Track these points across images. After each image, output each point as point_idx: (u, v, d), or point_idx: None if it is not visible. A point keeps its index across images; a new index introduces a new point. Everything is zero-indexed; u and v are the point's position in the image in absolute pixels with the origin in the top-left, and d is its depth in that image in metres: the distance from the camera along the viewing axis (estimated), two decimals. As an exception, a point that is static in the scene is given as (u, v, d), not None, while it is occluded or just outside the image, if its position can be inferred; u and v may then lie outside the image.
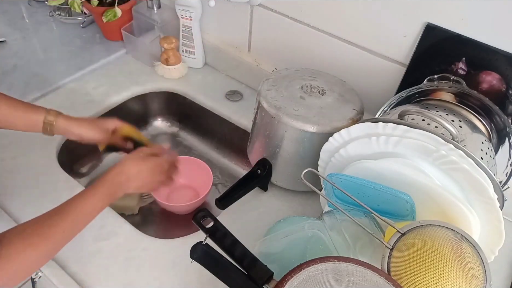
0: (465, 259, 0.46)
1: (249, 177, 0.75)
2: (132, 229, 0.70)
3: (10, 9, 1.21)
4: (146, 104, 1.04)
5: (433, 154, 0.53)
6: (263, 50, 0.96)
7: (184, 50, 1.04)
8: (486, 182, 0.51)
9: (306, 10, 0.82)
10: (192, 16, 0.97)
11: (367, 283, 0.44)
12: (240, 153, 0.98)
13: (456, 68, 0.69)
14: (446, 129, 0.54)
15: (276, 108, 0.67)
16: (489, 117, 0.65)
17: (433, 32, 0.68)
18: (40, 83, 0.96)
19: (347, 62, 0.82)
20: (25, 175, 0.77)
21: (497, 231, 0.54)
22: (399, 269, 0.47)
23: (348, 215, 0.54)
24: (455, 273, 0.45)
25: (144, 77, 1.03)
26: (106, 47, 1.09)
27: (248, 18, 0.92)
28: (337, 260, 0.46)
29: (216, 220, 0.53)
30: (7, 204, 0.71)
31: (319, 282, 0.44)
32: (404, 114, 0.59)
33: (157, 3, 1.02)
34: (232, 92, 1.00)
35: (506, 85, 0.66)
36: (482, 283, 0.45)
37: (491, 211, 0.53)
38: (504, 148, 0.65)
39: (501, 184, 0.63)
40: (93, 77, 1.00)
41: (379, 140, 0.57)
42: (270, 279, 0.49)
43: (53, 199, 0.72)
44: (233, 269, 0.51)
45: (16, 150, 0.81)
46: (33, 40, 1.11)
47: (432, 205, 0.54)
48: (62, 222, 0.55)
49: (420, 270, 0.45)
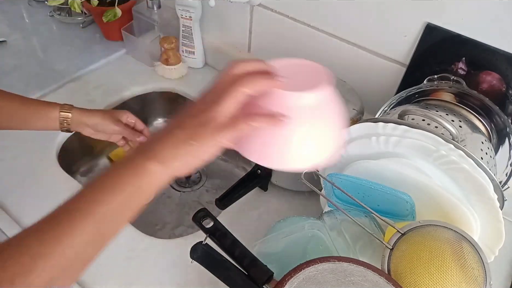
0: (465, 259, 0.46)
1: (249, 177, 0.74)
2: (132, 229, 0.70)
3: (10, 9, 1.21)
4: (146, 104, 1.04)
5: (433, 154, 0.53)
6: (263, 50, 0.96)
7: (184, 50, 1.04)
8: (486, 182, 0.51)
9: (306, 10, 0.82)
10: (192, 16, 0.97)
11: (367, 283, 0.44)
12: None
13: (456, 68, 0.69)
14: (446, 129, 0.54)
15: (276, 108, 0.67)
16: (489, 117, 0.65)
17: (433, 32, 0.68)
18: (40, 83, 0.96)
19: (347, 62, 0.82)
20: (25, 175, 0.77)
21: (497, 231, 0.54)
22: (399, 269, 0.47)
23: (348, 215, 0.54)
24: (455, 273, 0.45)
25: (144, 77, 1.02)
26: (106, 47, 1.09)
27: (248, 18, 0.92)
28: (337, 260, 0.46)
29: (216, 220, 0.53)
30: (7, 204, 0.71)
31: (319, 282, 0.44)
32: (404, 114, 0.59)
33: (157, 3, 1.02)
34: (232, 92, 1.00)
35: (506, 85, 0.66)
36: (482, 283, 0.45)
37: (491, 211, 0.53)
38: (504, 148, 0.65)
39: (501, 184, 0.63)
40: (93, 77, 1.00)
41: (379, 140, 0.57)
42: (270, 279, 0.49)
43: (53, 199, 0.72)
44: (233, 269, 0.51)
45: (16, 150, 0.80)
46: (33, 40, 1.11)
47: (432, 205, 0.54)
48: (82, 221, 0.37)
49: (420, 270, 0.45)
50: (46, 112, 0.68)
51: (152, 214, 0.90)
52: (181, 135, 0.38)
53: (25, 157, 0.80)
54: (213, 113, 0.38)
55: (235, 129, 0.38)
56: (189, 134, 0.38)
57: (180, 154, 0.38)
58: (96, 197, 0.37)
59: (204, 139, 0.38)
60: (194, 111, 0.39)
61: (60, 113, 0.68)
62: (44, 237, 0.35)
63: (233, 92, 0.37)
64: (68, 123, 0.69)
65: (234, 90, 0.37)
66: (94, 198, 0.37)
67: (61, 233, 0.35)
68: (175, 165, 0.38)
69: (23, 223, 0.69)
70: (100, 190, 0.38)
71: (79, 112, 0.70)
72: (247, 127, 0.37)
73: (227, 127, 0.37)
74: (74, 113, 0.69)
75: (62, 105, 0.69)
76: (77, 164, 0.94)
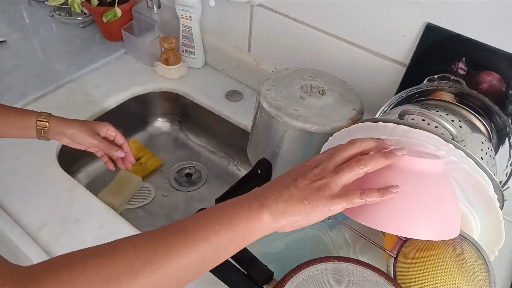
0: (469, 263, 0.46)
1: (249, 177, 0.74)
2: (132, 229, 0.70)
3: (10, 9, 1.21)
4: (146, 104, 1.04)
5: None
6: (263, 50, 0.96)
7: (184, 50, 1.04)
8: (486, 182, 0.51)
9: (306, 10, 0.82)
10: (192, 16, 0.97)
11: (367, 283, 0.44)
12: (240, 152, 0.98)
13: (456, 68, 0.69)
14: (446, 129, 0.54)
15: (276, 108, 0.67)
16: (489, 117, 0.65)
17: (433, 32, 0.68)
18: (40, 83, 0.96)
19: (347, 62, 0.82)
20: (25, 175, 0.77)
21: (497, 231, 0.54)
22: (406, 277, 0.46)
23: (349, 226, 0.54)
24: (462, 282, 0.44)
25: (144, 77, 1.03)
26: (106, 47, 1.09)
27: (248, 18, 0.92)
28: (337, 260, 0.46)
29: (216, 220, 0.53)
30: (7, 204, 0.71)
31: (319, 282, 0.44)
32: (404, 114, 0.59)
33: (157, 3, 1.02)
34: (232, 92, 1.00)
35: (506, 85, 0.66)
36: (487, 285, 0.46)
37: (491, 211, 0.52)
38: (504, 148, 0.65)
39: (501, 184, 0.63)
40: (93, 77, 1.00)
41: (379, 140, 0.57)
42: (270, 279, 0.49)
43: (53, 199, 0.73)
44: (233, 269, 0.51)
45: (16, 150, 0.80)
46: (33, 40, 1.11)
47: (432, 205, 0.54)
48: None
49: (428, 280, 0.45)
50: (23, 120, 0.67)
51: (152, 214, 0.91)
52: (296, 193, 0.40)
53: (25, 157, 0.80)
54: (330, 181, 0.41)
55: (349, 202, 0.40)
56: (304, 195, 0.40)
57: (290, 211, 0.40)
58: (213, 226, 0.39)
59: (318, 203, 0.40)
60: (310, 174, 0.42)
61: (37, 122, 0.67)
62: (157, 247, 0.37)
63: (354, 168, 0.41)
64: (45, 132, 0.68)
65: (355, 166, 0.41)
66: (209, 226, 0.39)
67: (174, 247, 0.37)
68: (282, 219, 0.40)
69: (23, 223, 0.69)
70: (217, 220, 0.39)
71: (57, 121, 0.69)
72: (360, 201, 0.40)
73: (341, 198, 0.40)
74: (51, 122, 0.68)
75: (40, 114, 0.68)
76: (77, 164, 0.94)
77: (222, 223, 0.39)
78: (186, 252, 0.37)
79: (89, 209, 0.72)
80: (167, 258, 0.36)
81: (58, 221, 0.69)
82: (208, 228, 0.39)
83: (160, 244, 0.37)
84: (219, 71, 1.06)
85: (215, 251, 0.39)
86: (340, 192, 0.40)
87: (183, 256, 0.37)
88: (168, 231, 0.39)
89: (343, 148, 0.44)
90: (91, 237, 0.68)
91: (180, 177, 0.99)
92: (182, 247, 0.37)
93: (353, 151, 0.43)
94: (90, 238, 0.67)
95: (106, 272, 0.35)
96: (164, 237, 0.38)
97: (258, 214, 0.39)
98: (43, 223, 0.69)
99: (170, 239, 0.37)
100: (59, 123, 0.69)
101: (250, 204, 0.40)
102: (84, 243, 0.67)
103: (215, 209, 0.41)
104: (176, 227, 0.39)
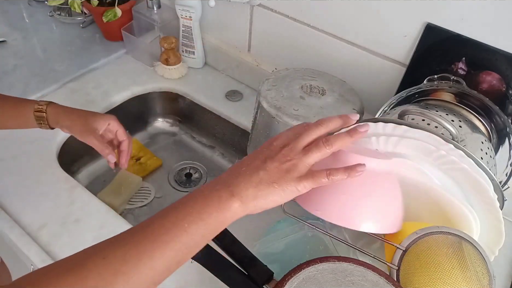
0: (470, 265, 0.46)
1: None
2: (132, 229, 0.70)
3: (10, 9, 1.21)
4: (146, 104, 1.04)
5: (433, 154, 0.53)
6: (263, 50, 0.96)
7: (184, 50, 1.04)
8: (486, 182, 0.51)
9: (306, 10, 0.82)
10: (192, 16, 0.97)
11: (367, 283, 0.44)
12: (240, 152, 0.98)
13: (456, 68, 0.69)
14: (446, 129, 0.54)
15: (276, 108, 0.67)
16: (489, 117, 0.65)
17: (433, 32, 0.68)
18: (40, 83, 0.96)
19: (347, 62, 0.82)
20: (25, 175, 0.77)
21: (497, 231, 0.54)
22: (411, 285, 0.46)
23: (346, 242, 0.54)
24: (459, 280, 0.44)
25: (144, 77, 1.03)
26: (106, 47, 1.09)
27: (248, 18, 0.92)
28: (337, 260, 0.46)
29: (216, 220, 0.53)
30: (7, 204, 0.71)
31: (319, 282, 0.44)
32: (404, 114, 0.59)
33: (157, 3, 1.02)
34: (232, 92, 1.00)
35: (506, 85, 0.66)
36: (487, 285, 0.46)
37: (491, 211, 0.52)
38: (504, 148, 0.65)
39: (501, 184, 0.63)
40: (93, 77, 1.00)
41: (379, 140, 0.57)
42: (270, 279, 0.49)
43: (53, 199, 0.73)
44: (233, 269, 0.51)
45: (16, 150, 0.80)
46: (33, 40, 1.11)
47: (432, 205, 0.54)
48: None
49: (429, 281, 0.45)
50: (21, 110, 0.65)
51: (152, 214, 0.90)
52: (265, 177, 0.40)
53: (25, 157, 0.80)
54: (299, 162, 0.41)
55: (315, 182, 0.40)
56: (274, 178, 0.40)
57: (260, 195, 0.40)
58: (182, 225, 0.38)
59: (286, 185, 0.40)
60: (279, 155, 0.41)
61: (35, 112, 0.65)
62: (126, 255, 0.36)
63: (322, 148, 0.41)
64: (45, 122, 0.66)
65: (322, 147, 0.41)
66: (179, 225, 0.38)
67: (143, 252, 0.36)
68: (253, 204, 0.40)
69: (23, 223, 0.69)
70: (186, 217, 0.38)
71: (55, 111, 0.66)
72: (326, 181, 0.41)
73: (308, 178, 0.40)
74: (49, 111, 0.65)
75: (38, 103, 0.65)
76: (77, 164, 0.94)
77: (192, 219, 0.38)
78: (157, 256, 0.36)
79: (89, 209, 0.72)
80: (138, 265, 0.36)
81: (58, 221, 0.69)
82: (177, 226, 0.38)
83: (129, 252, 0.36)
84: (219, 71, 1.06)
85: (187, 248, 0.38)
86: (308, 172, 0.41)
87: (154, 259, 0.36)
88: (136, 235, 0.38)
89: (311, 128, 0.43)
90: (91, 237, 0.68)
91: (180, 177, 0.99)
92: (152, 251, 0.36)
93: (321, 132, 0.43)
94: (90, 238, 0.67)
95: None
96: (133, 242, 0.37)
97: (228, 204, 0.39)
98: (43, 223, 0.69)
99: (139, 244, 0.37)
100: (56, 114, 0.66)
101: (220, 194, 0.39)
102: (84, 243, 0.66)
103: (183, 202, 0.40)
104: (145, 229, 0.38)
